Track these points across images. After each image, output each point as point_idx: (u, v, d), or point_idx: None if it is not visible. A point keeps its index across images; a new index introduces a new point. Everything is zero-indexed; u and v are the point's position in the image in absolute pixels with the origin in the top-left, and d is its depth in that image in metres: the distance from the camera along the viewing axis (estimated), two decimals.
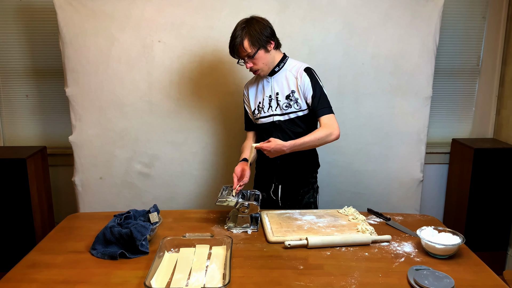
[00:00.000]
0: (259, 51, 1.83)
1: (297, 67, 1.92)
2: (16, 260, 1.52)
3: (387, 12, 2.46)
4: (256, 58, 1.84)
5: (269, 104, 1.96)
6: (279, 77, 1.94)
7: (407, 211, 2.63)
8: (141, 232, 1.54)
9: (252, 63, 1.86)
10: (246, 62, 1.86)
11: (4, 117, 2.92)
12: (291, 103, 1.91)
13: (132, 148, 2.58)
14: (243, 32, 1.81)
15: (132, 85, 2.51)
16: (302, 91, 1.89)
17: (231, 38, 1.85)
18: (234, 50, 1.85)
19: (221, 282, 1.34)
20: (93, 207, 2.61)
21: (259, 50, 1.83)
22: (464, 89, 2.97)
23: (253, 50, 1.82)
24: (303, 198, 2.05)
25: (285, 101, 1.92)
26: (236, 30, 1.83)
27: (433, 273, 1.37)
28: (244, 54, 1.84)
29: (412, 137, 2.61)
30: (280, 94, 1.93)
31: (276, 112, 1.95)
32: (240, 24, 1.84)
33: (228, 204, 1.75)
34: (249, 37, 1.81)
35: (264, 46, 1.84)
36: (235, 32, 1.83)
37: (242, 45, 1.81)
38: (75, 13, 2.40)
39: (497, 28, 2.86)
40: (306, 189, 2.06)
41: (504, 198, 2.76)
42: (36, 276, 1.41)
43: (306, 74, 1.89)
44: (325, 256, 1.54)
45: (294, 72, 1.92)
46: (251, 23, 1.83)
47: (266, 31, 1.84)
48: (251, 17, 1.87)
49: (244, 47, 1.81)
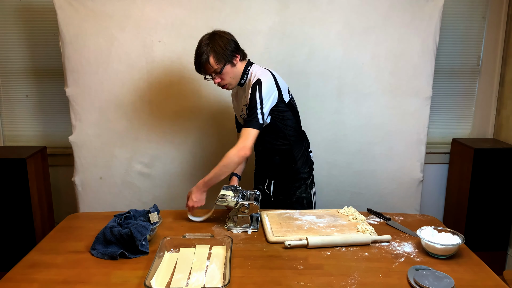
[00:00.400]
0: (225, 66, 1.84)
1: (253, 79, 1.88)
2: (16, 260, 1.52)
3: (387, 12, 2.46)
4: (223, 73, 1.85)
5: (244, 113, 1.97)
6: (245, 88, 1.94)
7: (407, 211, 2.63)
8: (141, 232, 1.54)
9: (220, 79, 1.87)
10: (214, 78, 1.87)
11: (4, 117, 2.92)
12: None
13: (132, 148, 2.58)
14: (208, 48, 1.80)
15: (132, 85, 2.51)
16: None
17: (196, 56, 1.84)
18: (200, 67, 1.85)
19: (221, 282, 1.34)
20: (93, 207, 2.61)
21: (225, 65, 1.83)
22: (464, 89, 2.97)
23: (219, 66, 1.82)
24: (294, 193, 2.07)
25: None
26: (201, 47, 1.82)
27: (433, 273, 1.37)
28: (211, 71, 1.84)
29: (412, 137, 2.61)
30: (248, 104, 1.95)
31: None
32: (204, 40, 1.83)
33: (228, 204, 1.75)
34: (214, 54, 1.80)
35: (230, 61, 1.84)
36: (200, 49, 1.82)
37: (208, 62, 1.81)
38: (75, 13, 2.40)
39: (497, 28, 2.86)
40: (298, 184, 2.07)
41: (504, 198, 2.76)
42: (36, 276, 1.41)
43: (251, 89, 1.86)
44: (325, 256, 1.54)
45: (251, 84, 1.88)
46: (214, 38, 1.82)
47: (230, 45, 1.84)
48: (213, 32, 1.86)
49: (210, 64, 1.81)
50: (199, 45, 1.84)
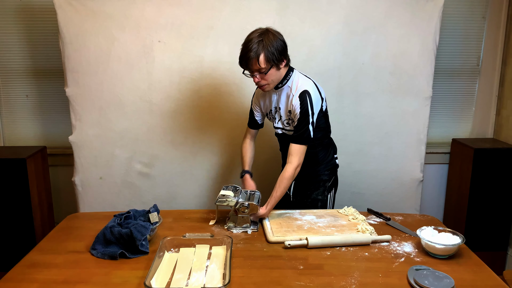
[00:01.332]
0: (271, 68, 1.77)
1: (297, 87, 1.85)
2: (16, 260, 1.52)
3: (387, 12, 2.46)
4: (267, 74, 1.77)
5: (275, 115, 1.98)
6: (282, 93, 1.90)
7: (407, 211, 2.63)
8: (141, 232, 1.54)
9: (261, 79, 1.79)
10: (254, 76, 1.79)
11: (4, 117, 2.92)
12: (290, 121, 1.92)
13: (132, 148, 2.58)
14: (260, 46, 1.72)
15: (132, 85, 2.51)
16: (294, 116, 1.87)
17: (244, 49, 1.75)
18: (246, 62, 1.76)
19: (221, 282, 1.34)
20: (93, 207, 2.61)
21: (271, 67, 1.76)
22: (464, 89, 2.97)
23: (266, 66, 1.75)
24: (311, 195, 2.05)
25: (286, 118, 1.93)
26: (251, 42, 1.73)
27: (433, 273, 1.37)
28: (256, 69, 1.76)
29: (412, 137, 2.61)
30: (282, 110, 1.93)
31: (278, 125, 1.98)
32: (256, 36, 1.74)
33: (228, 204, 1.75)
34: (266, 53, 1.72)
35: (277, 64, 1.78)
36: (250, 44, 1.73)
37: (257, 60, 1.73)
38: (75, 13, 2.40)
39: (497, 28, 2.86)
40: (316, 185, 2.06)
41: (504, 198, 2.76)
42: (36, 276, 1.41)
43: (298, 100, 1.83)
44: (325, 256, 1.54)
45: (293, 92, 1.86)
46: (268, 37, 1.74)
47: (281, 48, 1.77)
48: (266, 29, 1.78)
49: (259, 62, 1.73)
50: (249, 40, 1.75)
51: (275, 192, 1.84)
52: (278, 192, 1.84)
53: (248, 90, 2.53)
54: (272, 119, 2.03)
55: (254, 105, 2.09)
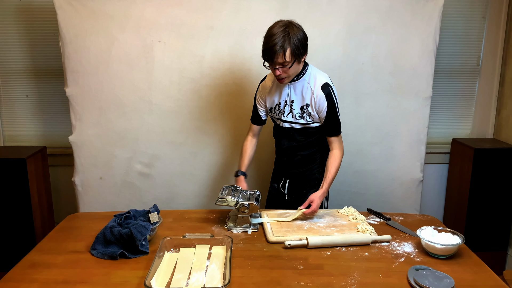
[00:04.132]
0: (294, 62, 1.76)
1: (315, 81, 1.87)
2: (16, 260, 1.52)
3: (387, 12, 2.46)
4: (288, 68, 1.76)
5: (283, 109, 1.95)
6: (297, 86, 1.90)
7: (407, 211, 2.63)
8: (141, 232, 1.54)
9: (283, 72, 1.77)
10: (277, 69, 1.76)
11: (4, 117, 2.92)
12: (304, 115, 1.91)
13: (132, 148, 2.58)
14: (286, 40, 1.69)
15: (132, 85, 2.51)
16: (317, 108, 1.89)
17: (269, 42, 1.71)
18: (272, 56, 1.72)
19: (221, 282, 1.34)
20: (93, 207, 2.61)
21: (295, 61, 1.76)
22: (464, 89, 2.97)
23: (291, 60, 1.73)
24: (307, 193, 2.05)
25: (299, 112, 1.91)
26: (276, 35, 1.70)
27: (433, 273, 1.37)
28: (280, 62, 1.73)
29: (412, 137, 2.61)
30: (295, 103, 1.91)
31: (287, 119, 1.95)
32: (281, 31, 1.70)
33: (228, 204, 1.75)
34: (292, 47, 1.70)
35: (300, 58, 1.78)
36: (275, 38, 1.69)
37: (283, 54, 1.70)
38: (75, 13, 2.40)
39: (497, 28, 2.86)
40: (312, 184, 2.06)
41: (504, 198, 2.76)
42: (36, 276, 1.41)
43: (323, 92, 1.85)
44: (325, 256, 1.54)
45: (312, 85, 1.87)
46: (293, 30, 1.72)
47: (305, 41, 1.76)
48: (289, 22, 1.75)
49: (285, 56, 1.71)
50: (272, 32, 1.71)
51: (328, 173, 1.89)
52: (332, 173, 1.90)
53: (248, 90, 2.53)
54: (279, 113, 1.98)
55: (259, 100, 2.05)
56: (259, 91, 2.06)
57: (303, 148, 2.01)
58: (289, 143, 2.02)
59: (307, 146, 2.01)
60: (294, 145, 2.01)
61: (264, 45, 1.76)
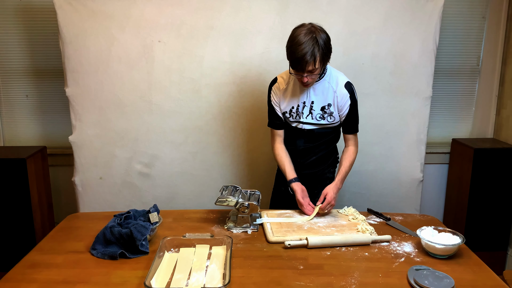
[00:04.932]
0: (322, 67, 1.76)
1: (337, 80, 1.88)
2: (16, 260, 1.52)
3: (387, 12, 2.46)
4: (316, 74, 1.75)
5: (302, 110, 1.92)
6: (318, 87, 1.88)
7: (407, 211, 2.63)
8: (141, 232, 1.54)
9: (310, 78, 1.76)
10: (305, 76, 1.74)
11: (4, 117, 2.92)
12: (325, 115, 1.90)
13: (132, 148, 2.58)
14: (315, 47, 1.67)
15: (132, 85, 2.51)
16: (339, 107, 1.89)
17: (298, 51, 1.67)
18: (302, 65, 1.69)
19: (221, 282, 1.34)
20: (93, 207, 2.61)
21: (323, 66, 1.76)
22: (464, 89, 2.97)
23: (320, 67, 1.72)
24: (319, 193, 2.05)
25: (320, 112, 1.90)
26: (305, 43, 1.66)
27: (433, 273, 1.37)
28: (309, 69, 1.71)
29: (412, 137, 2.61)
30: (316, 103, 1.90)
31: (307, 120, 1.93)
32: (309, 38, 1.67)
33: (228, 204, 1.75)
34: (321, 53, 1.69)
35: (327, 62, 1.79)
36: (304, 46, 1.66)
37: (314, 62, 1.68)
38: (75, 13, 2.40)
39: (497, 28, 2.86)
40: (323, 183, 2.04)
41: (504, 198, 2.76)
42: (36, 276, 1.41)
43: (347, 91, 1.87)
44: (325, 256, 1.54)
45: (334, 85, 1.88)
46: (319, 35, 1.69)
47: (330, 43, 1.75)
48: (312, 26, 1.72)
49: (316, 65, 1.69)
50: (300, 41, 1.67)
51: (342, 167, 1.93)
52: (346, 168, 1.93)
53: (248, 90, 2.53)
54: (296, 115, 1.93)
55: (276, 103, 1.97)
56: (273, 94, 1.98)
57: (319, 148, 2.00)
58: (305, 145, 1.99)
59: (323, 147, 2.00)
60: (310, 146, 1.99)
61: (292, 54, 1.71)
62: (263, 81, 2.51)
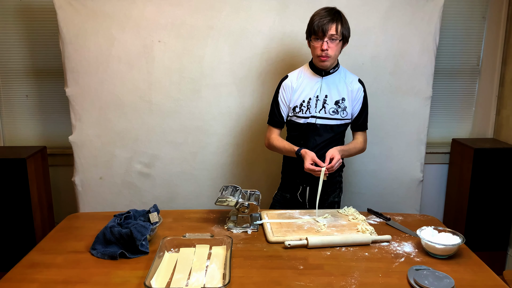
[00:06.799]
0: (340, 42, 1.84)
1: (350, 75, 1.96)
2: (16, 260, 1.52)
3: (387, 12, 2.46)
4: (335, 45, 1.83)
5: (315, 104, 1.91)
6: (331, 80, 1.91)
7: (407, 211, 2.63)
8: (141, 232, 1.54)
9: (329, 47, 1.82)
10: (325, 41, 1.81)
11: (4, 117, 2.92)
12: (339, 110, 1.91)
13: (132, 148, 2.58)
14: (337, 16, 1.82)
15: (132, 85, 2.51)
16: (353, 103, 1.91)
17: (321, 15, 1.81)
18: (325, 25, 1.79)
19: (221, 282, 1.34)
20: (93, 207, 2.61)
21: (340, 41, 1.84)
22: (464, 89, 2.97)
23: (339, 36, 1.82)
24: (328, 197, 2.03)
25: (333, 107, 1.90)
26: (328, 11, 1.82)
27: (433, 273, 1.37)
28: (331, 33, 1.81)
29: (412, 137, 2.61)
30: (329, 97, 1.90)
31: (319, 115, 1.91)
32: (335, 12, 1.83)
33: (228, 204, 1.75)
34: (343, 24, 1.83)
35: (345, 41, 1.87)
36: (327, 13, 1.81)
37: (336, 26, 1.80)
38: (75, 13, 2.40)
39: (497, 28, 2.86)
40: (333, 187, 2.04)
41: (504, 198, 2.76)
42: (36, 276, 1.41)
43: (362, 87, 1.94)
44: (325, 256, 1.54)
45: (348, 80, 1.92)
46: (342, 14, 1.86)
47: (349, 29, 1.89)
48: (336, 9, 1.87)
49: (338, 29, 1.80)
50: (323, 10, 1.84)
51: (349, 145, 1.94)
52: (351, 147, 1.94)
53: (248, 90, 2.53)
54: (307, 109, 1.91)
55: (283, 100, 1.97)
56: (281, 90, 1.98)
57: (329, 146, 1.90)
58: (315, 142, 1.94)
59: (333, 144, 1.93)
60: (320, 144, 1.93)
61: (314, 18, 1.84)
62: (263, 81, 2.52)
